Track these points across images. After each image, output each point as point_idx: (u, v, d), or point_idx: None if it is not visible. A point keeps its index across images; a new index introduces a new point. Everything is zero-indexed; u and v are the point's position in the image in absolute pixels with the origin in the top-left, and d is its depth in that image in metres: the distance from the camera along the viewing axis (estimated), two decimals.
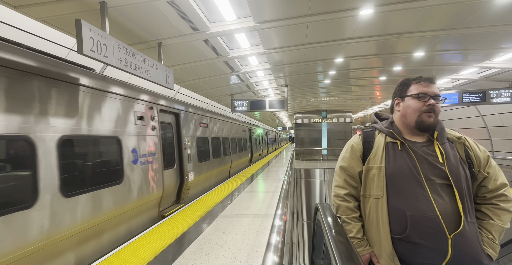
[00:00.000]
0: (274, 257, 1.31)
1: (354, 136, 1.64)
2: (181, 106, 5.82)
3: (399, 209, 1.30)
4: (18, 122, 2.46)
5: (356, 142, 1.56)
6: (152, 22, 4.41)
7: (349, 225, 1.44)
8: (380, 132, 1.52)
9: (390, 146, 1.43)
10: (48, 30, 4.30)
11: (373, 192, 1.39)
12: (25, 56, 2.63)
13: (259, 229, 3.38)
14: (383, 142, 1.46)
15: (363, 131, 1.58)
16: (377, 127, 1.56)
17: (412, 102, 1.42)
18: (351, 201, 1.48)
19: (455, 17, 4.78)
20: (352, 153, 1.53)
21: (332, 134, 18.10)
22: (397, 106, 1.53)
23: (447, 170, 1.30)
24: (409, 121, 1.43)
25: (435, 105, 1.38)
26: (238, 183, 6.79)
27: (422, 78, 1.44)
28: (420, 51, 6.69)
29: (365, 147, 1.51)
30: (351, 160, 1.51)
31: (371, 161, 1.44)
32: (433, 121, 1.37)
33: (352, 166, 1.50)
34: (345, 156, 1.55)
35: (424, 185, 1.28)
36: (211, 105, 12.70)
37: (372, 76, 9.78)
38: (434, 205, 1.24)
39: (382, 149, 1.43)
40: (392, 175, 1.35)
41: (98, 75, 3.58)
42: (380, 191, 1.36)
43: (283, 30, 5.21)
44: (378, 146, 1.46)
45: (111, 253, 2.78)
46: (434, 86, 1.41)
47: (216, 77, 8.32)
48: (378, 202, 1.36)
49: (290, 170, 6.24)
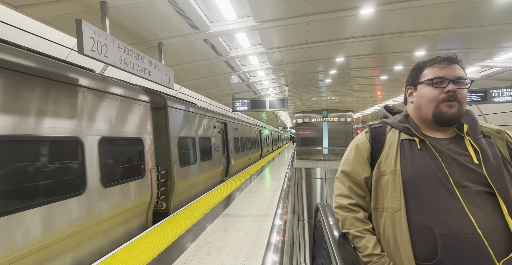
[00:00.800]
0: (274, 257, 1.30)
1: (359, 134, 1.34)
2: (227, 118, 9.09)
3: (425, 225, 1.00)
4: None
5: (362, 140, 1.26)
6: (152, 22, 4.42)
7: (362, 239, 1.11)
8: (392, 128, 1.23)
9: (406, 144, 1.15)
10: (49, 30, 4.31)
11: (388, 203, 1.10)
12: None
13: (260, 229, 3.38)
14: (397, 139, 1.18)
15: (371, 128, 1.28)
16: (388, 122, 1.27)
17: (426, 90, 1.15)
18: (360, 211, 1.18)
19: (456, 16, 4.76)
20: (357, 154, 1.24)
21: (333, 133, 18.09)
22: (410, 96, 1.25)
23: (486, 173, 1.01)
24: (424, 114, 1.16)
25: (457, 91, 1.09)
26: (239, 182, 6.80)
27: (439, 58, 1.14)
28: (421, 50, 6.67)
29: (374, 147, 1.22)
30: (356, 163, 1.22)
31: (383, 164, 1.15)
32: (455, 112, 1.09)
33: (357, 170, 1.21)
34: (348, 158, 1.26)
35: (455, 193, 0.99)
36: (212, 105, 12.71)
37: (373, 75, 9.77)
38: (472, 219, 0.94)
39: (396, 148, 1.15)
40: (412, 181, 1.07)
41: (197, 106, 6.61)
42: (396, 202, 1.07)
43: (283, 29, 5.21)
44: (390, 144, 1.18)
45: (111, 253, 2.79)
46: (456, 68, 1.11)
47: (216, 77, 8.33)
48: (394, 217, 1.07)
49: (290, 170, 6.24)
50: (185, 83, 8.61)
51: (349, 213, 1.18)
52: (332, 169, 10.38)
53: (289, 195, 4.59)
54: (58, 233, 2.59)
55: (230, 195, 5.36)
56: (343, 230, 1.20)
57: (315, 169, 10.35)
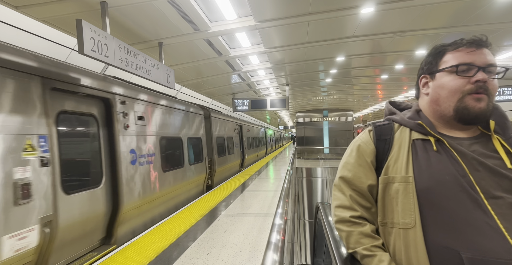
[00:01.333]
0: (274, 256, 1.31)
1: (361, 132, 1.12)
2: (242, 122, 11.03)
3: (448, 247, 0.81)
4: None
5: (365, 140, 1.05)
6: (152, 21, 4.42)
7: (372, 259, 0.90)
8: (401, 126, 1.03)
9: (419, 145, 0.94)
10: (49, 31, 4.31)
11: (398, 218, 0.90)
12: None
13: (261, 228, 3.38)
14: (407, 139, 0.97)
15: (375, 125, 1.07)
16: (395, 119, 1.05)
17: (448, 79, 0.93)
18: (365, 223, 0.97)
19: (457, 14, 4.75)
20: (360, 157, 1.03)
21: (333, 132, 18.09)
22: (424, 87, 1.02)
23: None
24: (443, 109, 0.94)
25: (487, 81, 0.88)
26: (239, 182, 6.80)
27: (464, 40, 0.94)
28: (422, 49, 6.66)
29: (380, 148, 1.01)
30: (358, 168, 1.01)
31: (391, 169, 0.95)
32: (484, 108, 0.88)
33: (359, 176, 1.00)
34: (348, 162, 1.05)
35: (485, 206, 0.80)
36: (212, 105, 12.71)
37: (373, 74, 9.76)
38: (510, 241, 0.75)
39: (407, 150, 0.95)
40: (428, 191, 0.87)
41: (225, 114, 8.92)
42: (409, 216, 0.87)
43: (283, 29, 5.20)
44: (400, 145, 0.97)
45: (112, 253, 2.79)
46: (486, 52, 0.91)
47: (217, 77, 8.33)
48: (408, 235, 0.87)
49: (291, 169, 6.24)
50: (186, 83, 8.61)
51: (353, 228, 0.97)
52: (332, 168, 10.39)
53: (290, 194, 4.59)
54: (186, 182, 5.39)
55: (230, 195, 5.37)
56: (349, 250, 0.98)
57: (316, 168, 10.36)
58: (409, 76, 9.87)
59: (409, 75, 9.78)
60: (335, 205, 1.03)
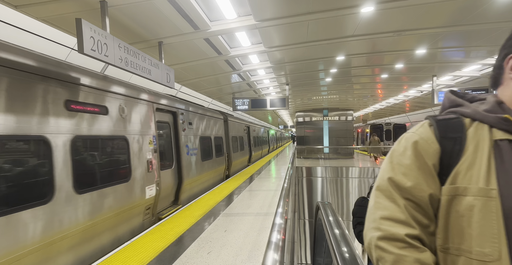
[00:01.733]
0: (274, 255, 1.31)
1: (416, 125, 0.84)
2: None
3: None
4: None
5: (425, 136, 0.79)
6: (152, 21, 4.41)
7: None
8: (475, 121, 0.78)
9: (505, 147, 0.71)
10: (49, 30, 4.30)
11: (473, 245, 0.67)
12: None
13: (261, 228, 3.39)
14: (487, 139, 0.74)
15: (436, 119, 0.81)
16: (465, 112, 0.80)
17: None
18: (425, 249, 0.71)
19: (457, 14, 4.74)
20: (418, 158, 0.77)
21: (333, 132, 18.08)
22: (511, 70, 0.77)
23: None
24: None
25: None
26: (239, 182, 6.80)
27: None
28: (422, 48, 6.65)
29: (447, 149, 0.76)
30: (417, 172, 0.76)
31: (463, 177, 0.72)
32: None
33: (418, 183, 0.75)
34: (401, 162, 0.79)
35: None
36: (212, 104, 12.70)
37: (373, 74, 9.75)
38: None
39: (488, 154, 0.72)
40: None
41: (237, 117, 11.23)
42: (492, 245, 0.65)
43: (284, 28, 5.19)
44: (476, 147, 0.74)
45: (112, 253, 2.80)
46: None
47: (217, 76, 8.32)
48: None
49: (291, 168, 6.24)
50: (186, 83, 8.60)
51: (408, 252, 0.69)
52: (332, 167, 10.39)
53: (290, 194, 4.59)
54: (214, 170, 7.24)
55: (230, 194, 5.37)
56: None
57: (316, 167, 10.36)
58: (409, 75, 9.86)
59: (409, 75, 9.77)
60: (380, 215, 0.76)
